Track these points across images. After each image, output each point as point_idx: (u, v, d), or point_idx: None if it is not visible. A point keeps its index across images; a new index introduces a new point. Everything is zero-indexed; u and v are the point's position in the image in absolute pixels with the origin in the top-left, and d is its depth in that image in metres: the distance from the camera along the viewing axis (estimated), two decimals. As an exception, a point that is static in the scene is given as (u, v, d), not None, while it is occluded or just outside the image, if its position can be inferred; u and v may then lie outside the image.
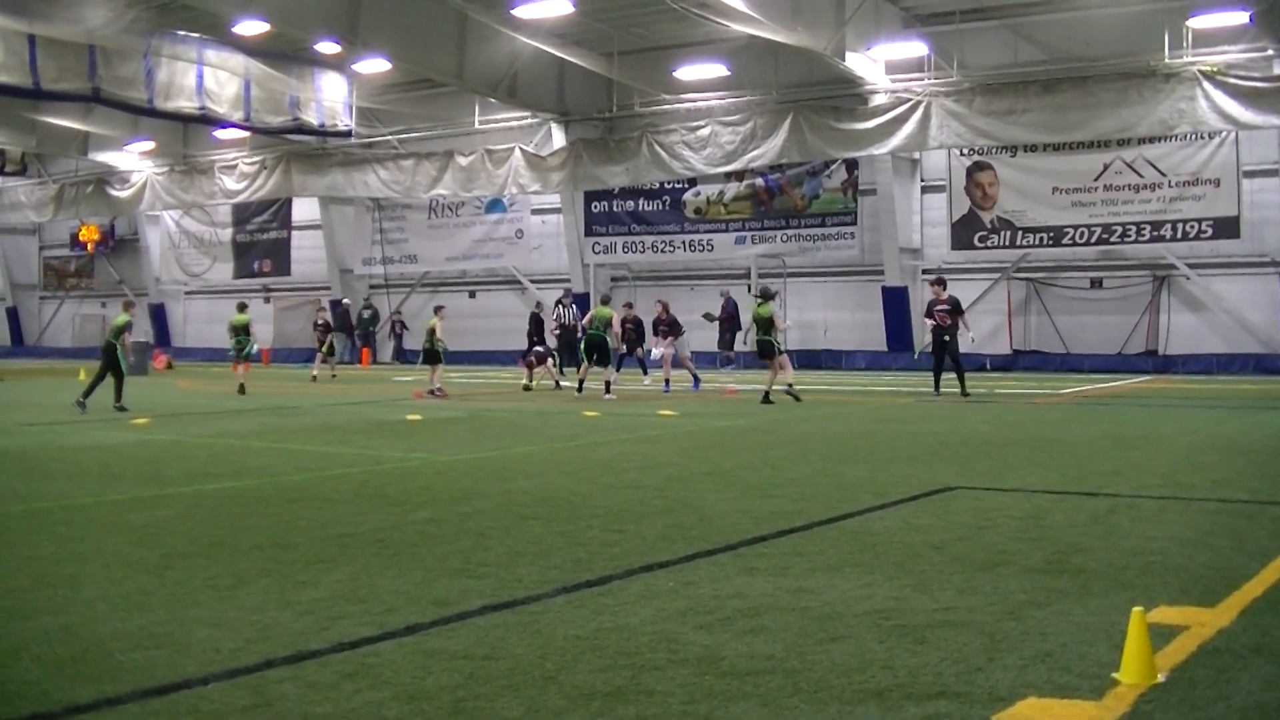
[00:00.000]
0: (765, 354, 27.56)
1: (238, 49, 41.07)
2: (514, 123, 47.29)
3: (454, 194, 48.89)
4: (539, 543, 10.14)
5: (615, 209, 47.34)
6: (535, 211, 49.85)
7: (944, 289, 28.29)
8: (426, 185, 48.55)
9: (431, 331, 31.62)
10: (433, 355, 31.30)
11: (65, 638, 7.25)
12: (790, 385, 27.20)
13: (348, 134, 46.46)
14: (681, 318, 35.12)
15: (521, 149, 46.05)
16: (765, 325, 27.40)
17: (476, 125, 47.76)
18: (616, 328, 28.45)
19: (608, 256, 47.82)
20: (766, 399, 26.47)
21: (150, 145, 54.71)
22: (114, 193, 59.68)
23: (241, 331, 33.70)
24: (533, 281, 49.47)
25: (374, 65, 42.25)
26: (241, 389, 31.63)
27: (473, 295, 51.57)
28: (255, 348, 34.26)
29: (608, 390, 28.67)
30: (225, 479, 14.98)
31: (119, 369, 27.21)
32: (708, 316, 41.93)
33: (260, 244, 59.30)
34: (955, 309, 28.21)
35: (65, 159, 60.26)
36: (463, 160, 47.32)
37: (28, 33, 35.94)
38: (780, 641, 6.93)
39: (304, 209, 57.01)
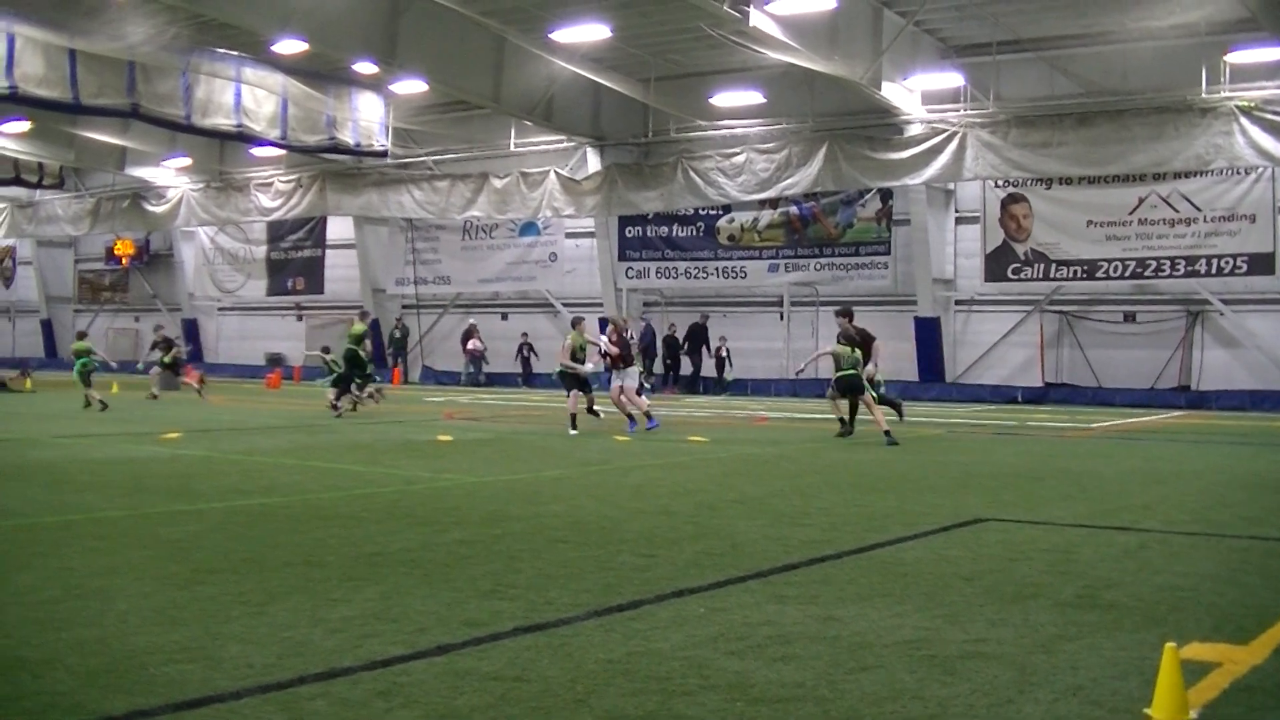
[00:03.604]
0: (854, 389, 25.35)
1: (276, 68, 41.21)
2: (549, 146, 47.38)
3: (488, 216, 48.95)
4: (570, 566, 10.14)
5: (649, 234, 47.35)
6: (569, 235, 49.84)
7: (850, 320, 27.26)
8: (461, 207, 48.63)
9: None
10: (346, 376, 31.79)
11: (98, 649, 7.28)
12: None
13: (383, 154, 46.55)
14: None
15: (556, 172, 46.11)
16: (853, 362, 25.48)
17: (512, 148, 47.89)
18: (595, 351, 27.21)
19: (641, 281, 47.84)
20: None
21: (187, 161, 54.91)
22: (150, 208, 59.91)
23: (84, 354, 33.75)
24: (565, 305, 49.47)
25: (411, 86, 42.33)
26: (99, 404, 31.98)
27: (505, 317, 51.62)
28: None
29: (590, 409, 27.30)
30: (256, 495, 15.01)
31: (363, 370, 31.27)
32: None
33: (294, 262, 59.43)
34: (864, 340, 26.95)
35: (102, 173, 60.49)
36: (498, 182, 47.41)
37: (68, 48, 36.11)
38: (810, 670, 6.93)
39: (338, 228, 57.12)
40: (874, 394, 25.32)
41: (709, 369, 45.31)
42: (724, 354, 44.87)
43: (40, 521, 12.66)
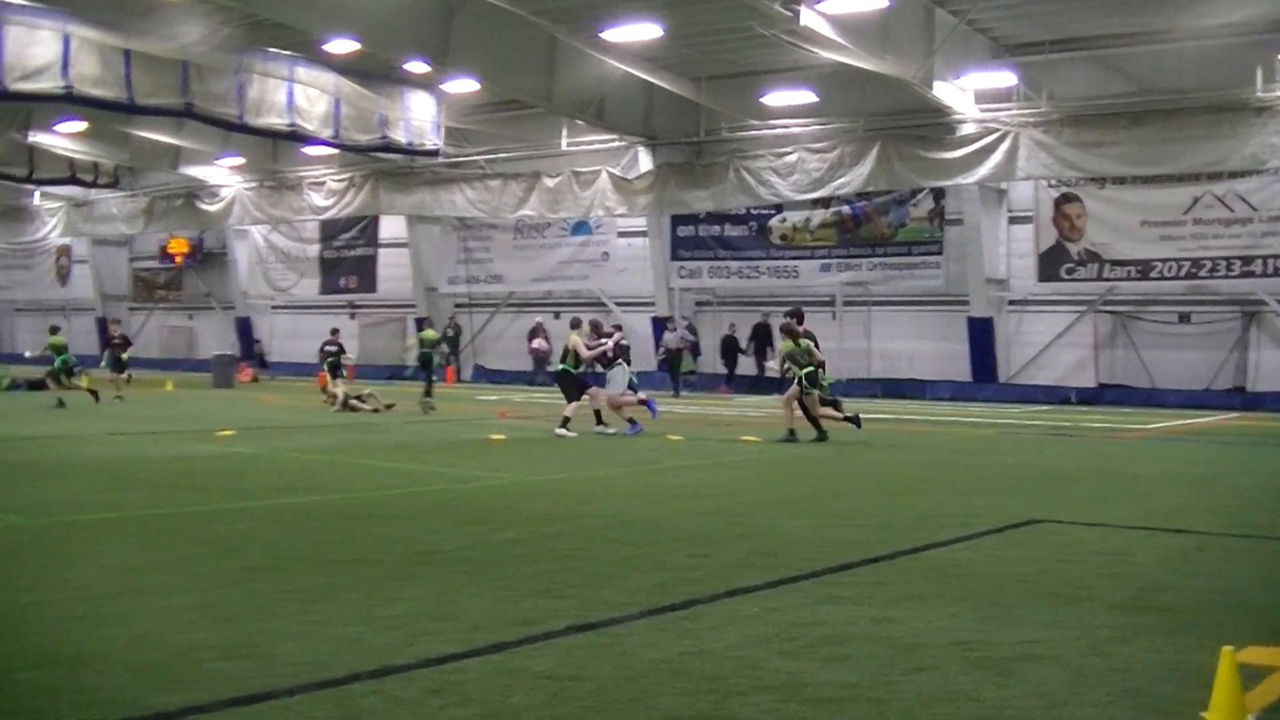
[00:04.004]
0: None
1: (328, 67, 41.33)
2: (601, 145, 47.34)
3: (540, 215, 48.94)
4: (622, 565, 10.14)
5: (701, 233, 47.25)
6: (621, 234, 49.76)
7: (799, 321, 26.39)
8: (513, 206, 48.65)
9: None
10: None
11: (152, 645, 7.33)
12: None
13: (435, 153, 46.64)
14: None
15: (609, 172, 46.09)
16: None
17: (564, 147, 47.86)
18: (585, 354, 26.49)
19: (693, 281, 47.75)
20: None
21: (240, 161, 55.12)
22: (203, 207, 60.14)
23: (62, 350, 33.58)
24: (617, 304, 49.44)
25: (463, 86, 42.36)
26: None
27: (557, 316, 51.49)
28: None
29: (564, 424, 24.95)
30: (308, 493, 15.07)
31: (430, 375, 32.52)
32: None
33: (347, 260, 59.54)
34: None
35: (156, 172, 60.72)
36: (550, 181, 47.41)
37: (123, 48, 36.30)
38: (864, 670, 6.91)
39: (391, 227, 57.18)
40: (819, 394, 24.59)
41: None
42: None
43: (96, 518, 12.74)
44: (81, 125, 48.76)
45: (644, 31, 35.27)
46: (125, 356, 37.01)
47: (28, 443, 21.73)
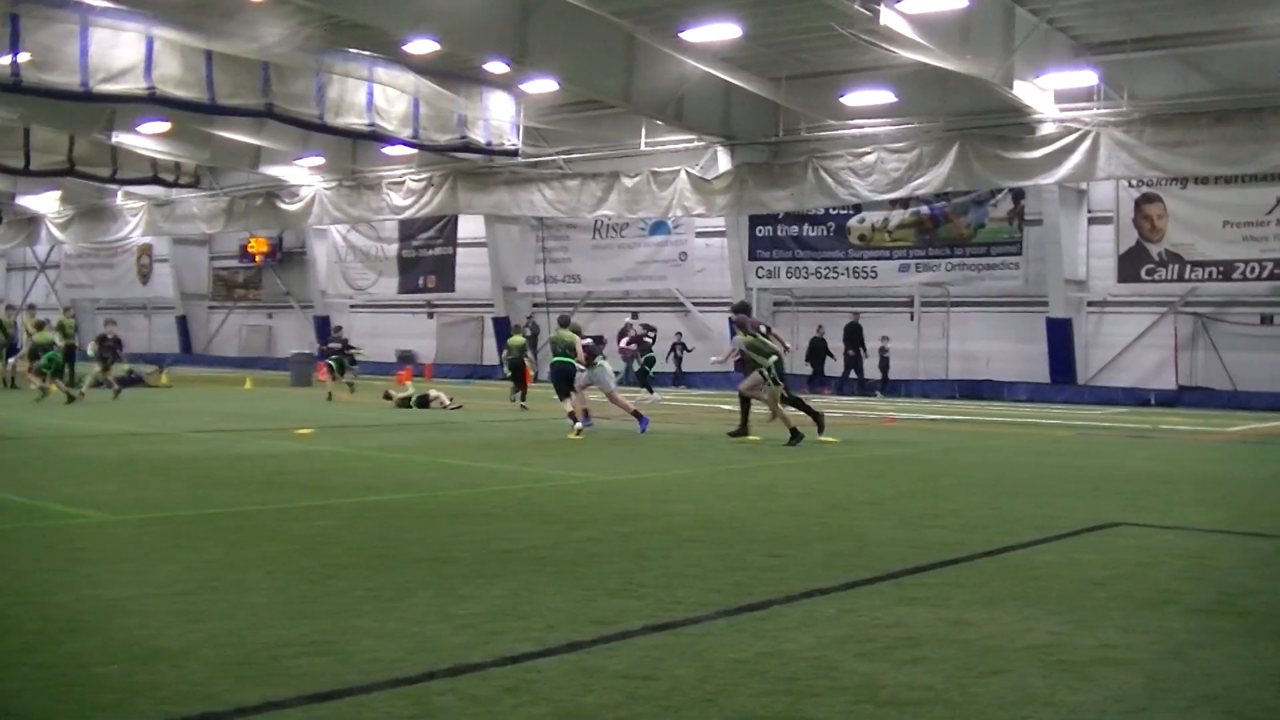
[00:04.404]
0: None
1: (407, 67, 41.54)
2: (680, 145, 47.36)
3: (619, 215, 49.02)
4: (699, 565, 10.13)
5: (779, 233, 47.23)
6: (699, 234, 49.78)
7: (748, 314, 25.89)
8: (591, 206, 48.75)
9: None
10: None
11: (233, 641, 7.38)
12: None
13: (514, 153, 46.79)
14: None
15: (687, 171, 46.10)
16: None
17: (642, 147, 47.91)
18: (580, 352, 26.37)
19: (771, 281, 47.73)
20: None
21: (320, 160, 55.48)
22: (283, 206, 60.58)
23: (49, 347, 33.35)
24: (695, 304, 49.50)
25: (542, 85, 42.48)
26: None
27: (635, 316, 51.53)
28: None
29: (575, 420, 25.04)
30: (387, 491, 15.14)
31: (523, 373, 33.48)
32: None
33: (425, 260, 59.84)
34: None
35: (237, 172, 61.22)
36: (628, 181, 47.47)
37: (205, 49, 36.61)
38: (940, 673, 6.89)
39: (469, 226, 57.42)
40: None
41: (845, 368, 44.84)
42: (887, 354, 44.26)
43: (179, 515, 12.84)
44: (164, 126, 49.20)
45: (723, 31, 35.29)
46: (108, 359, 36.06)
47: (109, 439, 21.91)
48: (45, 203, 72.92)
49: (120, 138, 51.18)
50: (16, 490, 14.20)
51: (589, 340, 26.54)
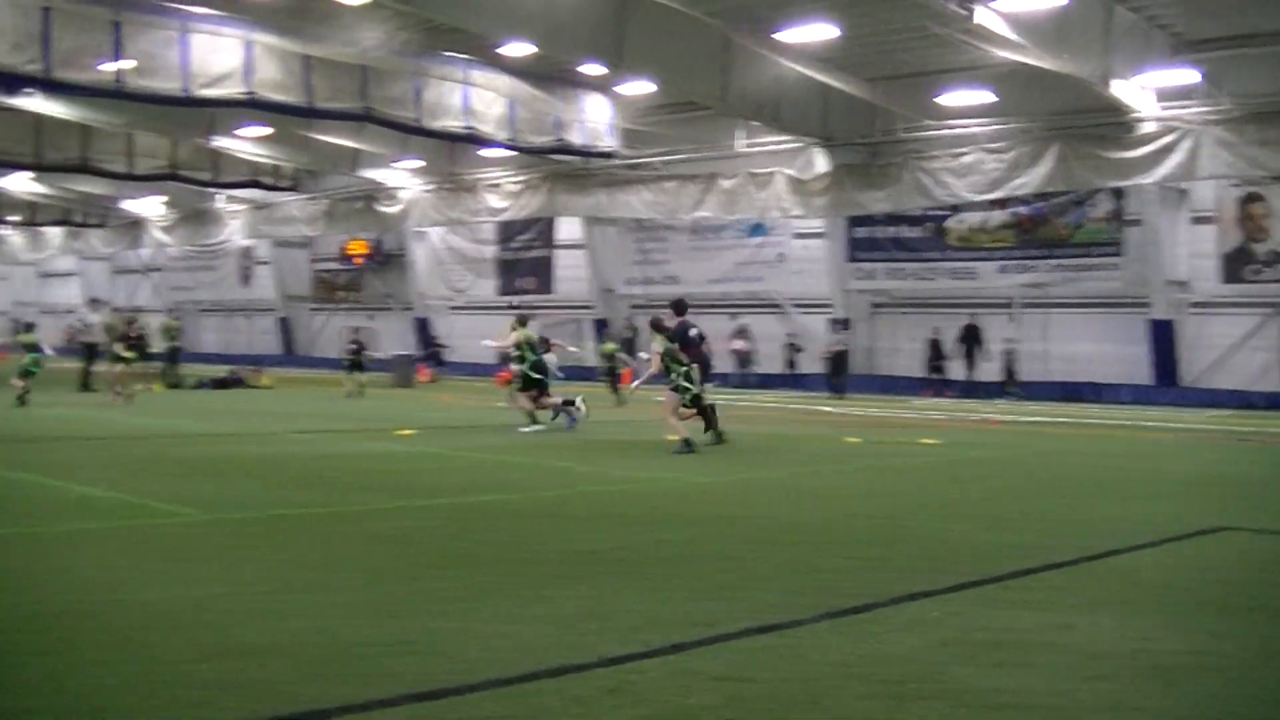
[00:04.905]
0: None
1: (504, 70, 41.66)
2: (777, 146, 47.16)
3: (716, 216, 48.94)
4: (800, 566, 10.12)
5: (877, 235, 46.99)
6: (797, 235, 49.59)
7: (682, 313, 25.35)
8: (689, 207, 48.69)
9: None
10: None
11: (320, 640, 7.45)
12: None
13: (611, 155, 46.82)
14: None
15: (785, 173, 45.97)
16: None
17: (740, 148, 47.77)
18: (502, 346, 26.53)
19: (869, 282, 47.50)
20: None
21: (418, 163, 55.72)
22: (382, 209, 60.88)
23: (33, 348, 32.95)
24: (794, 306, 49.36)
25: (638, 87, 42.46)
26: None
27: (733, 318, 51.51)
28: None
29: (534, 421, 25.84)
30: (482, 492, 15.20)
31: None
32: None
33: (524, 262, 59.98)
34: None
35: (336, 175, 61.52)
36: (726, 183, 47.38)
37: (303, 54, 36.88)
38: (1043, 677, 6.85)
39: (567, 228, 57.50)
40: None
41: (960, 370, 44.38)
42: (1012, 356, 43.69)
43: (270, 514, 12.96)
44: (263, 130, 49.58)
45: (820, 32, 35.13)
46: (130, 354, 34.43)
47: (209, 439, 22.13)
48: (148, 206, 73.75)
49: (221, 142, 51.65)
50: (114, 488, 14.38)
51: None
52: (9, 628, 7.71)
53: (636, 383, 28.13)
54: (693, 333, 23.40)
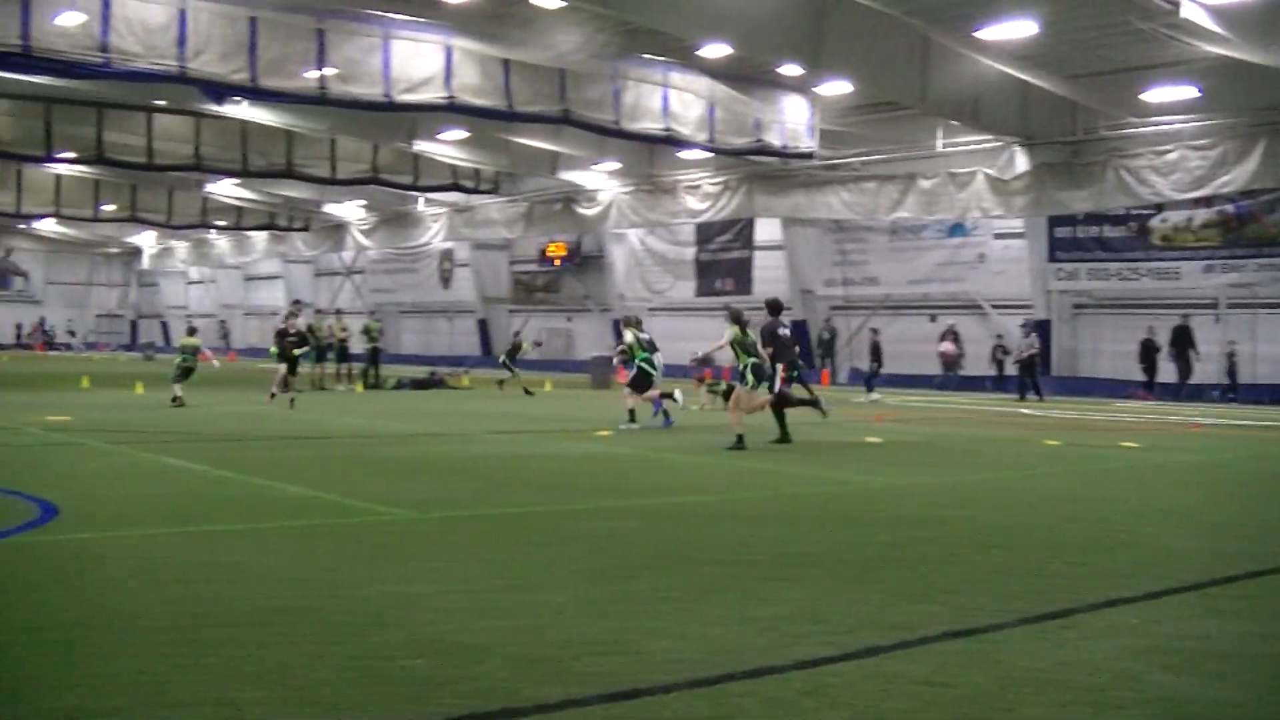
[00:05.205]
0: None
1: (702, 72, 41.74)
2: (976, 146, 46.73)
3: (916, 217, 48.58)
4: (998, 571, 10.03)
5: (1079, 234, 46.32)
6: (997, 236, 49.06)
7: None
8: (888, 208, 48.39)
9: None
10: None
11: (533, 639, 7.54)
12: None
13: (810, 156, 46.68)
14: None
15: (984, 172, 45.53)
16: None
17: (939, 148, 47.41)
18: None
19: (1071, 283, 46.83)
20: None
21: (617, 165, 55.98)
22: (581, 211, 61.24)
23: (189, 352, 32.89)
24: (994, 306, 48.86)
25: (836, 88, 42.31)
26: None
27: (933, 319, 51.08)
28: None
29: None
30: (685, 493, 15.25)
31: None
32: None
33: (722, 263, 59.98)
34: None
35: (535, 178, 62.01)
36: (925, 183, 47.04)
37: (503, 58, 37.26)
38: (1249, 688, 6.73)
39: (766, 229, 57.38)
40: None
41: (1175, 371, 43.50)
42: (1234, 359, 42.87)
43: (479, 514, 13.11)
44: (463, 133, 50.18)
45: (1019, 29, 34.77)
46: (282, 351, 33.19)
47: (413, 440, 22.44)
48: (350, 210, 75.05)
49: (421, 146, 52.38)
50: (326, 488, 14.63)
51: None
52: (232, 621, 7.92)
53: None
54: (781, 332, 23.72)
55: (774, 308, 24.52)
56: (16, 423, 24.12)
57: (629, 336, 26.91)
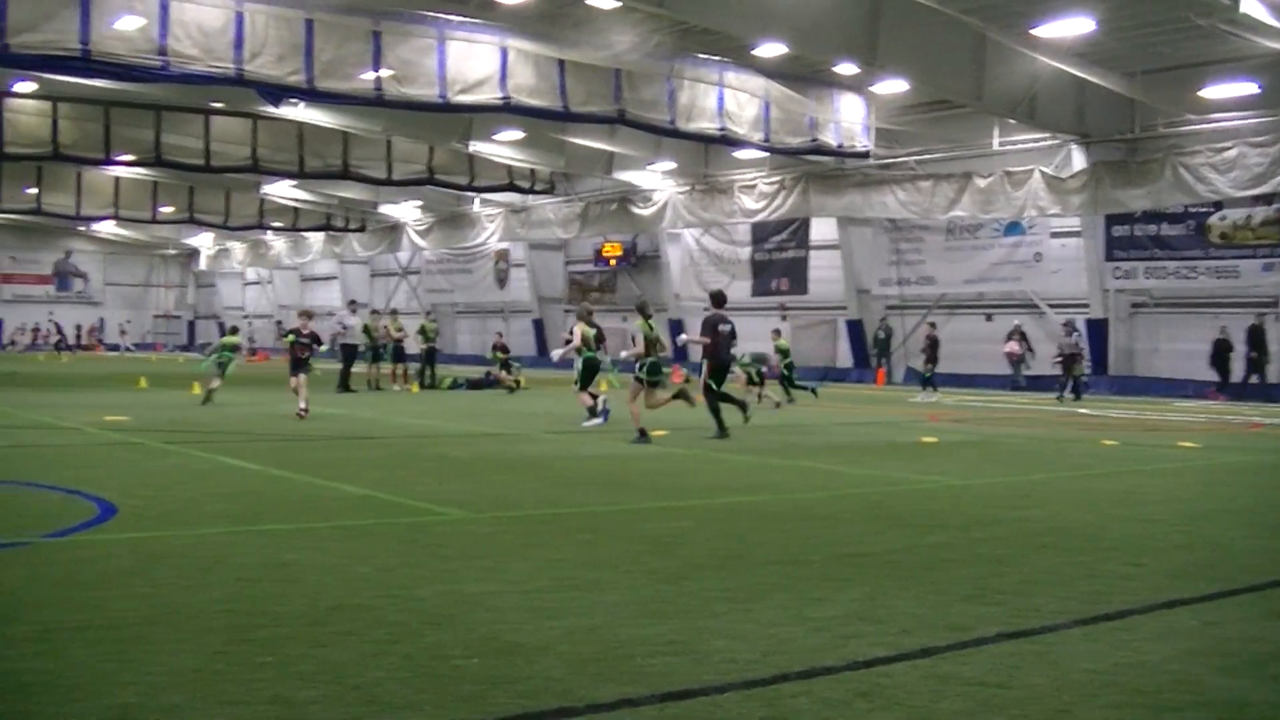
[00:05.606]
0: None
1: (757, 71, 41.73)
2: (1033, 144, 46.56)
3: (972, 216, 48.44)
4: (1054, 572, 9.97)
5: (1136, 233, 46.07)
6: (1054, 235, 48.82)
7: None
8: (944, 207, 48.25)
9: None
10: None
11: (587, 639, 7.54)
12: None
13: (865, 155, 46.64)
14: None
15: (1041, 171, 45.35)
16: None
17: (995, 146, 47.26)
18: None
19: (1128, 282, 46.58)
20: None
21: (671, 165, 56.00)
22: (636, 210, 61.29)
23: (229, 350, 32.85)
24: (1050, 305, 48.64)
25: (892, 86, 42.30)
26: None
27: (989, 318, 50.92)
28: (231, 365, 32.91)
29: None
30: (741, 493, 15.23)
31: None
32: None
33: (778, 263, 59.90)
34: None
35: (590, 178, 62.14)
36: (981, 182, 46.88)
37: (558, 59, 37.37)
38: (1311, 690, 6.67)
39: (821, 229, 57.31)
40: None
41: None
42: None
43: (533, 514, 13.12)
44: (519, 134, 50.29)
45: (1076, 26, 34.66)
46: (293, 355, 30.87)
47: (466, 439, 22.48)
48: (406, 211, 75.43)
49: (477, 146, 52.52)
50: (382, 487, 14.68)
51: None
52: (287, 620, 7.96)
53: (558, 353, 28.96)
54: (722, 327, 23.96)
55: (717, 300, 24.99)
56: (76, 423, 24.31)
57: (580, 330, 26.72)
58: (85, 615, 7.99)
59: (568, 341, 27.65)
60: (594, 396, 26.62)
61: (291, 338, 28.42)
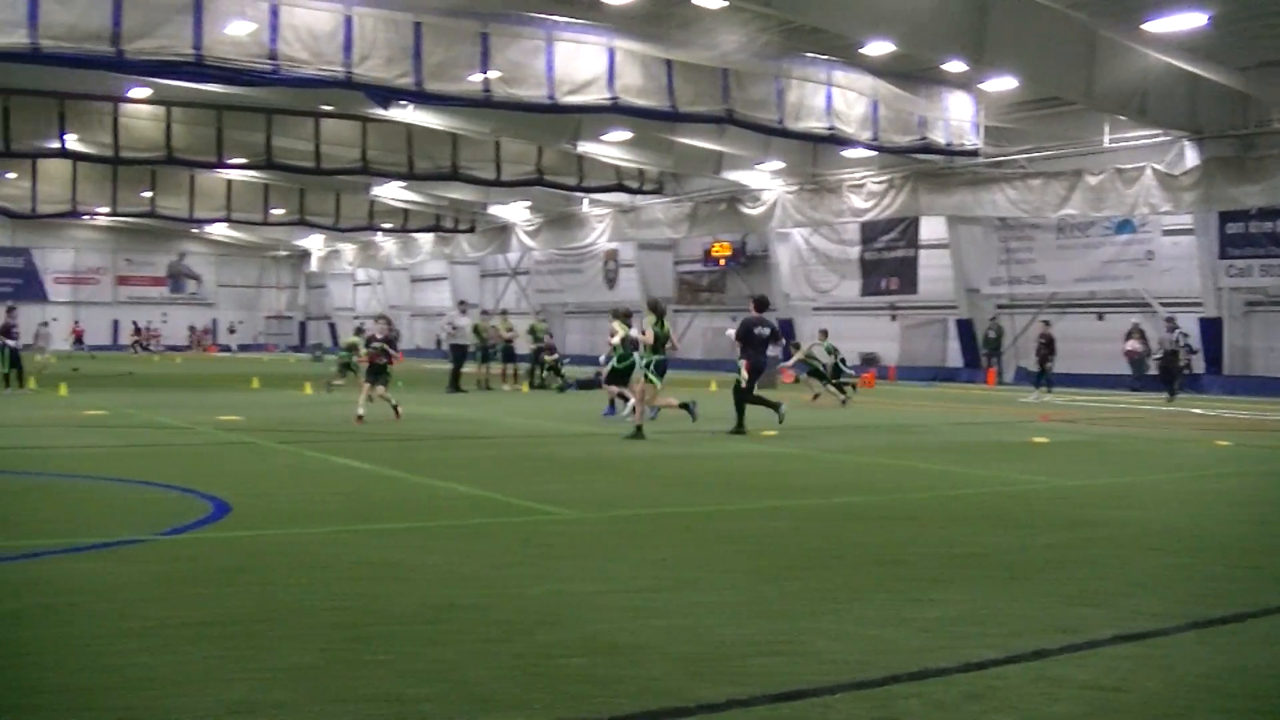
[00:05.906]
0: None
1: (865, 70, 41.57)
2: (1144, 141, 46.08)
3: (1083, 214, 47.97)
4: (1165, 574, 9.89)
5: (1252, 230, 45.47)
6: (1166, 232, 48.30)
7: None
8: (1055, 205, 47.83)
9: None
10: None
11: (691, 638, 7.55)
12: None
13: (975, 153, 46.35)
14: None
15: (1153, 168, 44.88)
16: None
17: (1106, 143, 46.79)
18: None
19: (1243, 280, 45.99)
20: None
21: (780, 164, 55.88)
22: (745, 210, 61.20)
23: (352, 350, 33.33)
24: (1163, 304, 48.11)
25: (1001, 84, 42.00)
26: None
27: (1101, 317, 50.45)
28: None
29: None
30: (846, 493, 15.19)
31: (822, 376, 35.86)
32: None
33: (887, 262, 59.62)
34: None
35: (699, 178, 62.11)
36: (1092, 179, 46.44)
37: (665, 59, 37.39)
38: None
39: (931, 228, 56.98)
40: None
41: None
42: None
43: (639, 514, 13.14)
44: (627, 134, 50.38)
45: (1188, 21, 34.29)
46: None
47: (573, 439, 22.55)
48: (515, 212, 75.72)
49: (585, 147, 52.68)
50: (492, 487, 14.76)
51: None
52: (399, 619, 8.04)
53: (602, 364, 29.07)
54: (758, 331, 24.43)
55: (759, 304, 25.46)
56: (191, 422, 24.61)
57: (622, 331, 26.56)
58: (197, 611, 8.09)
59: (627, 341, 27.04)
60: (624, 398, 26.80)
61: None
